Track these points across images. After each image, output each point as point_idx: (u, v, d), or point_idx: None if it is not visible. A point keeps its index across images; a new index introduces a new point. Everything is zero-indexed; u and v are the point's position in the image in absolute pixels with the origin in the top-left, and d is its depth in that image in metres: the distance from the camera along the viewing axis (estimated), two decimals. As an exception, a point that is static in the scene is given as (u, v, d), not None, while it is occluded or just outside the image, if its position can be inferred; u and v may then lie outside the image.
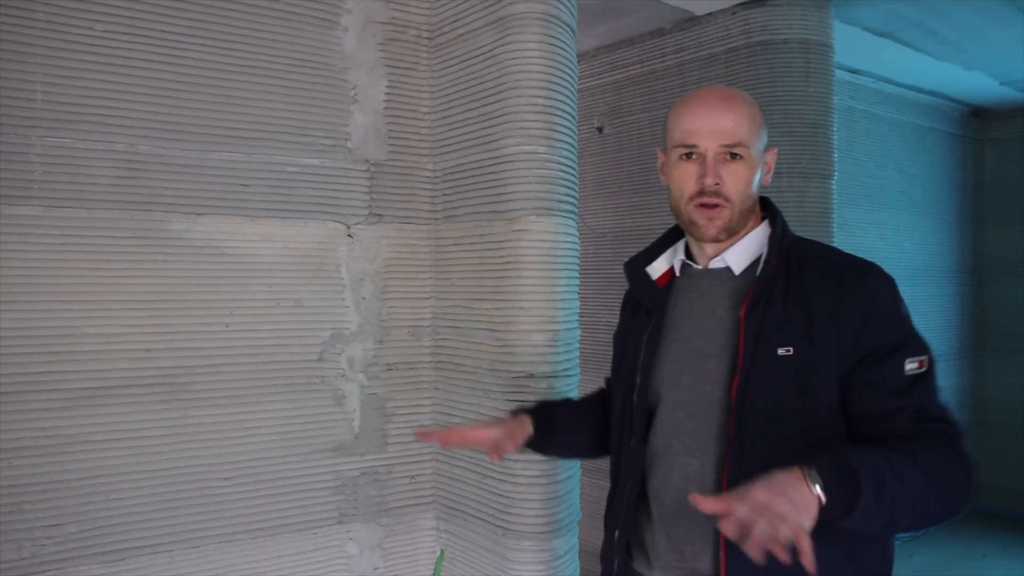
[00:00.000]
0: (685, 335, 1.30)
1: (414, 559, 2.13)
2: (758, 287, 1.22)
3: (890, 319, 1.18)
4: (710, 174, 1.23)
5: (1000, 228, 5.28)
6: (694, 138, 1.24)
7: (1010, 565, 4.36)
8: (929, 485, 1.09)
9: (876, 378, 1.16)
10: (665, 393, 1.30)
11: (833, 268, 1.22)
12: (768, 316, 1.20)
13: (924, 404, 1.16)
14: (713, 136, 1.23)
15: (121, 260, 1.72)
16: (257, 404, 1.88)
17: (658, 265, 1.38)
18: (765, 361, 1.19)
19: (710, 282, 1.31)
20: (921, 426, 1.15)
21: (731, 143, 1.23)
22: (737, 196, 1.24)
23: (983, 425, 5.31)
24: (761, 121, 1.28)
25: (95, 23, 1.69)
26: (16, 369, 1.61)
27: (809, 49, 3.12)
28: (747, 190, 1.25)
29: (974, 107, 5.15)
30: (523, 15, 1.85)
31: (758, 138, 1.26)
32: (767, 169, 1.30)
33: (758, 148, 1.26)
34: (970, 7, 3.28)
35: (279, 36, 1.91)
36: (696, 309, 1.31)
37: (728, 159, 1.24)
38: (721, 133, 1.23)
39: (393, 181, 2.08)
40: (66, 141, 1.66)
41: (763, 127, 1.28)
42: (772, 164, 1.31)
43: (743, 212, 1.27)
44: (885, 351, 1.16)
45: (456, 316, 2.06)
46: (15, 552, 1.60)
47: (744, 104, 1.26)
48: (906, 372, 1.15)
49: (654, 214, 3.48)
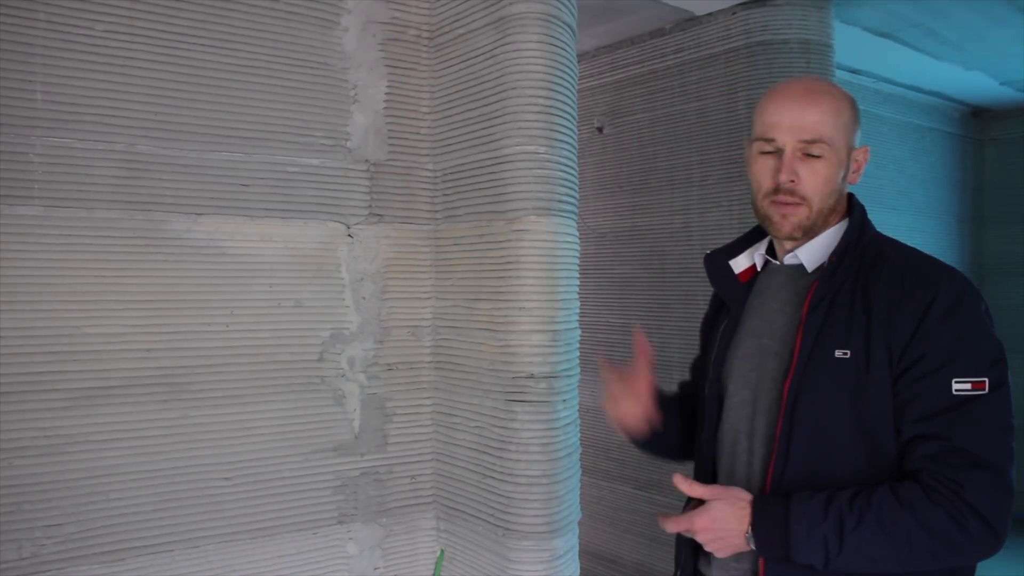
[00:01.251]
0: (756, 331, 1.28)
1: (414, 559, 2.13)
2: (820, 286, 1.19)
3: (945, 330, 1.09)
4: (785, 170, 1.19)
5: (1000, 228, 5.28)
6: (773, 132, 1.21)
7: (1010, 565, 4.36)
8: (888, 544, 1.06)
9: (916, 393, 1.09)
10: (733, 389, 1.28)
11: (901, 270, 1.16)
12: (831, 316, 1.16)
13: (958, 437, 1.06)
14: (792, 131, 1.19)
15: (121, 260, 1.72)
16: (257, 404, 1.88)
17: (742, 260, 1.35)
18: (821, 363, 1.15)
19: (783, 279, 1.29)
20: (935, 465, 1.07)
21: (810, 139, 1.19)
22: (815, 195, 1.21)
23: (983, 425, 5.31)
24: (850, 118, 1.23)
25: (95, 23, 1.69)
26: (16, 369, 1.61)
27: (809, 49, 3.12)
28: (826, 189, 1.21)
29: (974, 107, 5.15)
30: (523, 15, 1.85)
31: (844, 135, 1.21)
32: (855, 168, 1.26)
33: (843, 146, 1.22)
34: (970, 7, 3.28)
35: (279, 36, 1.91)
36: (768, 305, 1.28)
37: (808, 156, 1.19)
38: (801, 129, 1.18)
39: (393, 181, 2.08)
40: (66, 141, 1.66)
41: (852, 124, 1.23)
42: (863, 163, 1.26)
43: (822, 211, 1.22)
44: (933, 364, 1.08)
45: (456, 316, 2.06)
46: (15, 552, 1.60)
47: (830, 99, 1.21)
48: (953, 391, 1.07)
49: (654, 214, 3.48)
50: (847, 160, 1.23)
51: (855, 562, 1.07)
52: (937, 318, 1.10)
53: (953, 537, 1.06)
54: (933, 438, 1.07)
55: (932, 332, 1.09)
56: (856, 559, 1.07)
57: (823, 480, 1.13)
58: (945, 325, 1.10)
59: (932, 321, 1.09)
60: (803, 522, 1.08)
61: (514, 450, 1.88)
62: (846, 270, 1.19)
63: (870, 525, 1.06)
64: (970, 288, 1.14)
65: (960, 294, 1.13)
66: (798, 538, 1.07)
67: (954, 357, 1.08)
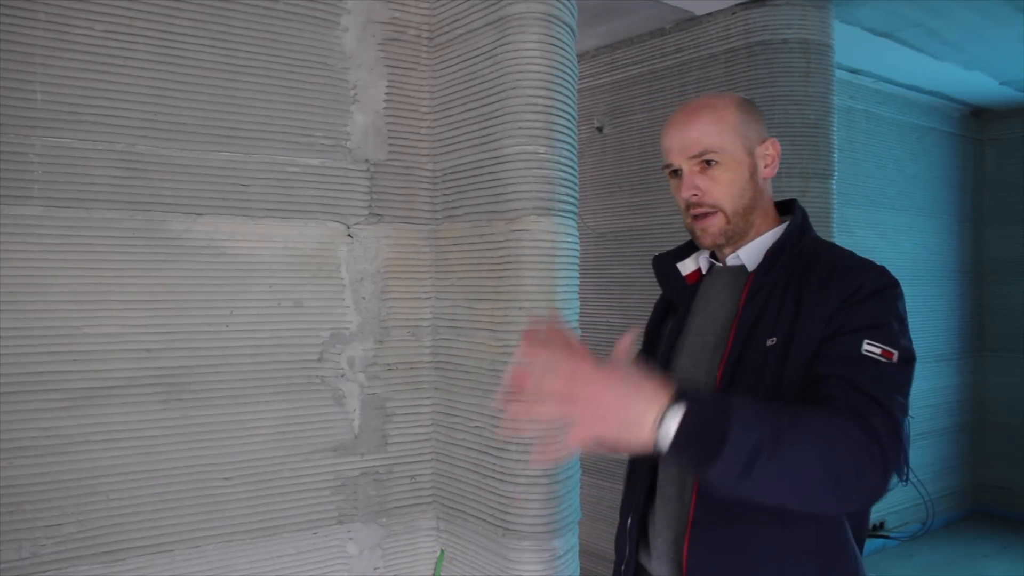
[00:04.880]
0: (699, 329, 1.32)
1: (414, 559, 2.13)
2: (755, 280, 1.24)
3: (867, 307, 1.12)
4: (686, 187, 1.27)
5: (1000, 228, 5.28)
6: (669, 156, 1.29)
7: (1010, 565, 4.36)
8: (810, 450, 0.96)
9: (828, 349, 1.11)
10: None
11: (832, 262, 1.21)
12: (765, 309, 1.21)
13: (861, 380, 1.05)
14: (681, 151, 1.27)
15: (121, 260, 1.72)
16: (257, 404, 1.88)
17: (689, 263, 1.40)
18: (753, 351, 1.19)
19: (727, 279, 1.33)
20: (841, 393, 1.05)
21: (698, 153, 1.26)
22: (725, 199, 1.26)
23: (983, 425, 5.31)
24: (736, 120, 1.27)
25: (95, 23, 1.69)
26: (16, 369, 1.61)
27: (809, 49, 3.12)
28: (734, 190, 1.26)
29: (974, 107, 5.15)
30: (523, 15, 1.85)
31: (734, 138, 1.27)
32: (766, 162, 1.30)
33: (738, 147, 1.27)
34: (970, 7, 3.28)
35: (279, 36, 1.91)
36: (712, 305, 1.33)
37: (705, 167, 1.26)
38: (687, 147, 1.26)
39: (393, 181, 2.08)
40: (66, 141, 1.66)
41: (741, 124, 1.28)
42: (774, 155, 1.30)
43: (740, 212, 1.27)
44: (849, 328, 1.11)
45: (456, 316, 2.06)
46: (15, 552, 1.60)
47: (708, 111, 1.27)
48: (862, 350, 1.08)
49: (654, 214, 3.48)
50: (750, 158, 1.28)
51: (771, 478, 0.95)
52: (861, 298, 1.13)
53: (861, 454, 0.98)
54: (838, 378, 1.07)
55: (854, 307, 1.13)
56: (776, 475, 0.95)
57: None
58: (868, 303, 1.13)
59: (856, 299, 1.13)
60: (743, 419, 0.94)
61: (514, 450, 1.88)
62: (782, 267, 1.24)
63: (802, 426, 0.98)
64: (897, 286, 1.18)
65: (886, 285, 1.16)
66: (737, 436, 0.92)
67: (870, 325, 1.11)
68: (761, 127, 1.31)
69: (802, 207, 1.34)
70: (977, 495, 5.31)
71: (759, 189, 1.29)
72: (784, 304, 1.20)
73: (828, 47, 3.18)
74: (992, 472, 5.27)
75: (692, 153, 1.26)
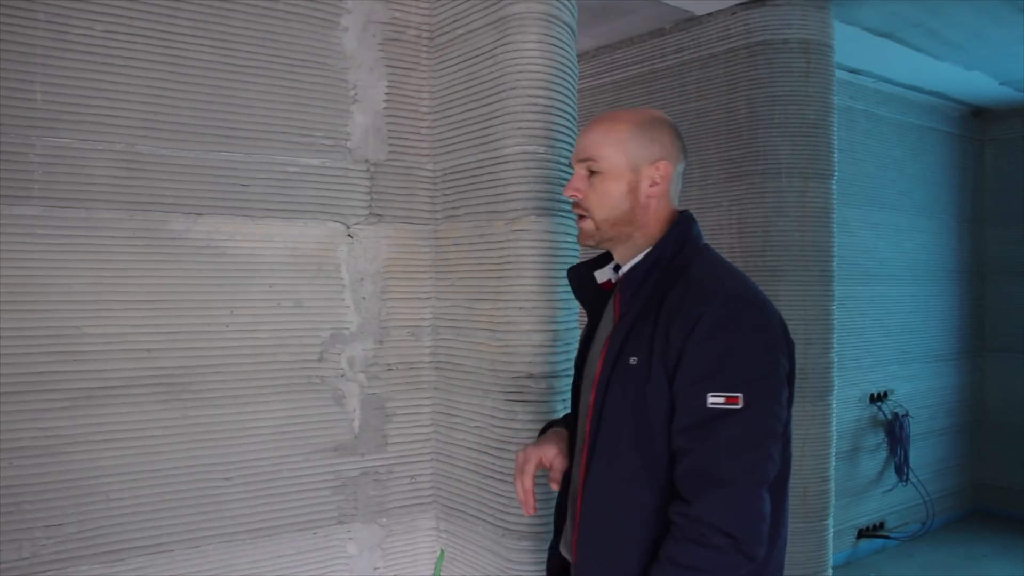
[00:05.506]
0: (600, 336, 1.40)
1: (414, 559, 2.13)
2: (622, 301, 1.31)
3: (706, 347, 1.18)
4: (568, 186, 1.35)
5: (1000, 228, 5.28)
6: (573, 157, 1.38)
7: (1010, 565, 4.36)
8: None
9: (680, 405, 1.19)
10: (582, 393, 1.41)
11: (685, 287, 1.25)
12: (634, 327, 1.27)
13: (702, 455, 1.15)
14: (577, 153, 1.36)
15: (121, 260, 1.72)
16: (257, 404, 1.88)
17: (607, 271, 1.45)
18: (620, 370, 1.27)
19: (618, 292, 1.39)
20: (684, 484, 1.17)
21: (584, 158, 1.33)
22: (595, 207, 1.32)
23: (983, 425, 5.31)
24: (628, 135, 1.31)
25: (95, 23, 1.69)
26: (16, 369, 1.61)
27: (809, 49, 3.12)
28: (605, 202, 1.32)
29: (974, 107, 5.15)
30: (523, 15, 1.85)
31: (621, 152, 1.31)
32: (650, 182, 1.32)
33: (622, 162, 1.31)
34: (970, 7, 3.28)
35: (279, 36, 1.91)
36: (608, 315, 1.40)
37: (589, 174, 1.33)
38: (580, 149, 1.35)
39: (393, 181, 2.08)
40: (66, 141, 1.66)
41: (632, 140, 1.31)
42: (665, 176, 1.33)
43: (608, 222, 1.32)
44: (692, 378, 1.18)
45: (456, 316, 2.06)
46: (15, 552, 1.60)
47: (607, 122, 1.33)
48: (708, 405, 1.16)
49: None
50: (633, 175, 1.32)
51: None
52: (700, 334, 1.18)
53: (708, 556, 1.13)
54: (685, 452, 1.18)
55: (693, 348, 1.18)
56: None
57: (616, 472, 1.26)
58: (706, 341, 1.18)
59: (696, 337, 1.18)
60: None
61: (514, 450, 1.88)
62: (654, 283, 1.29)
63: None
64: (745, 306, 1.21)
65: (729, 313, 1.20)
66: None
67: (712, 373, 1.17)
68: (661, 148, 1.32)
69: (686, 219, 1.35)
70: (977, 495, 5.31)
71: (639, 205, 1.32)
72: (646, 323, 1.26)
73: (828, 47, 3.18)
74: (992, 472, 5.27)
75: (581, 156, 1.34)
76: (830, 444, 3.25)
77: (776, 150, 3.13)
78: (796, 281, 3.13)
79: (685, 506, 1.16)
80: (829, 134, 3.18)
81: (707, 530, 1.13)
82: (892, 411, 4.59)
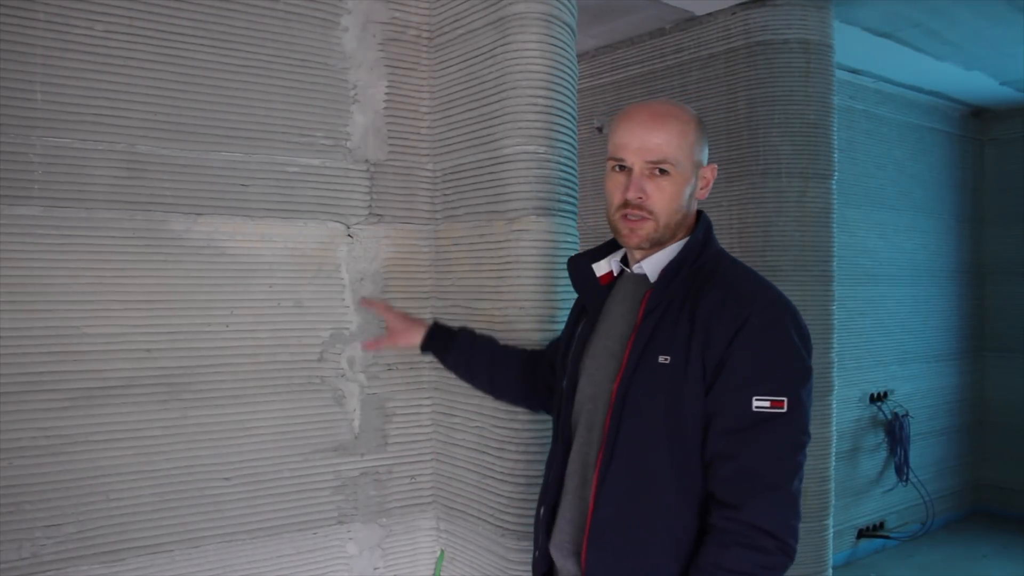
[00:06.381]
0: (605, 333, 1.38)
1: (414, 559, 2.13)
2: (652, 296, 1.29)
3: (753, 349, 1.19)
4: (633, 188, 1.29)
5: (1000, 228, 5.28)
6: (622, 152, 1.31)
7: (1010, 565, 4.36)
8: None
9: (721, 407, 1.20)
10: (582, 386, 1.39)
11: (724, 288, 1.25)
12: (661, 325, 1.26)
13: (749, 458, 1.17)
14: (640, 152, 1.29)
15: (121, 260, 1.72)
16: (257, 404, 1.88)
17: (604, 264, 1.44)
18: (646, 367, 1.25)
19: (631, 287, 1.38)
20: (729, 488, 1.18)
21: (656, 160, 1.28)
22: (662, 210, 1.30)
23: (983, 425, 5.32)
24: (695, 138, 1.32)
25: (95, 23, 1.69)
26: (16, 369, 1.61)
27: (809, 49, 3.12)
28: (672, 205, 1.30)
29: (974, 107, 5.15)
30: (523, 15, 1.85)
31: (689, 155, 1.30)
32: (703, 184, 1.35)
33: (688, 164, 1.31)
34: (970, 7, 3.28)
35: (279, 36, 1.91)
36: (616, 311, 1.38)
37: (655, 174, 1.29)
38: (647, 150, 1.28)
39: (393, 181, 2.08)
40: (66, 141, 1.66)
41: (698, 144, 1.32)
42: (710, 180, 1.36)
43: (669, 225, 1.32)
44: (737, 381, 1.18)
45: (456, 316, 2.06)
46: (15, 552, 1.60)
47: (676, 122, 1.30)
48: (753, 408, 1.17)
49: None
50: (694, 177, 1.33)
51: None
52: (746, 337, 1.19)
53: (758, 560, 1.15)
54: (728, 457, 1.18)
55: (739, 350, 1.19)
56: None
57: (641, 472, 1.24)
58: (753, 344, 1.19)
59: (742, 340, 1.19)
60: None
61: (514, 450, 1.88)
62: (682, 282, 1.29)
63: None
64: (786, 311, 1.24)
65: (774, 316, 1.22)
66: None
67: (757, 376, 1.18)
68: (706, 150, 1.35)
69: (707, 219, 1.37)
70: (977, 495, 5.31)
71: (690, 208, 1.34)
72: (679, 323, 1.25)
73: (828, 47, 3.18)
74: (992, 472, 5.27)
75: (651, 158, 1.28)
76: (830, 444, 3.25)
77: (776, 150, 3.13)
78: (796, 281, 3.13)
79: (733, 511, 1.16)
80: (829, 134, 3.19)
81: (757, 534, 1.14)
82: (892, 411, 4.59)
